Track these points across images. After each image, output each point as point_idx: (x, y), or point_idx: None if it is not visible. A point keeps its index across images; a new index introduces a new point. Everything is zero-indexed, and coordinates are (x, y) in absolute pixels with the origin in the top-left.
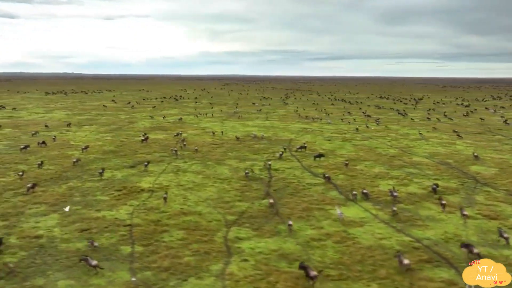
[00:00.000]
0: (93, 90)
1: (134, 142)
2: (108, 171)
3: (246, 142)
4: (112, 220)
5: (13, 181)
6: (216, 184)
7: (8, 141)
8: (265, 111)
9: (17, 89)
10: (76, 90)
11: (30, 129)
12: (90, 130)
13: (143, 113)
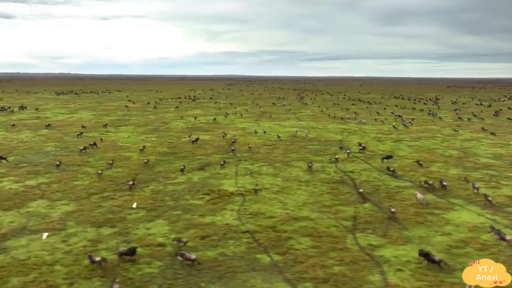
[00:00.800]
0: (102, 90)
1: (184, 143)
2: (179, 174)
3: (296, 143)
4: (224, 226)
5: (92, 184)
6: (302, 187)
7: (55, 142)
8: (293, 111)
9: (24, 89)
10: (84, 90)
11: (66, 130)
12: (129, 131)
13: (169, 114)
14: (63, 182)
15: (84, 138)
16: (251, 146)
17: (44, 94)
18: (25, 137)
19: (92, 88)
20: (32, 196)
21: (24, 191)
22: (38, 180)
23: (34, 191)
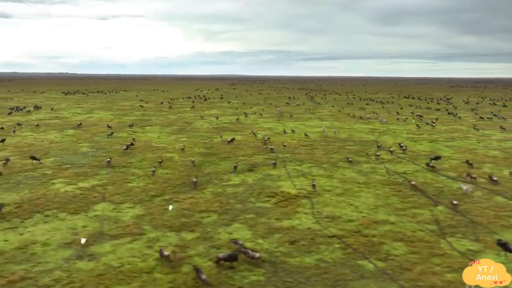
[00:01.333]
0: (109, 90)
1: (218, 144)
2: (230, 175)
3: (332, 143)
4: (307, 231)
5: (148, 186)
6: (364, 189)
7: (87, 143)
8: (311, 111)
9: (29, 89)
10: (90, 90)
11: (92, 130)
12: (156, 131)
13: (188, 113)
14: (117, 184)
15: (115, 138)
16: (285, 145)
17: (51, 94)
18: (54, 138)
19: (97, 88)
20: (93, 199)
21: (82, 193)
22: (90, 182)
23: (92, 194)
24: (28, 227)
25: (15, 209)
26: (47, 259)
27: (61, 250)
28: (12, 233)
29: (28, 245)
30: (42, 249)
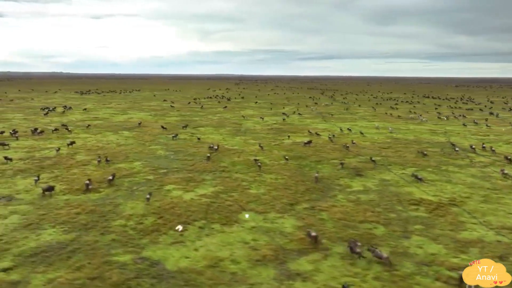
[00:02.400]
0: (120, 90)
1: (293, 146)
2: (344, 180)
3: (408, 145)
4: (497, 243)
5: (272, 193)
6: (504, 196)
7: (157, 145)
8: (350, 111)
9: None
10: (101, 90)
11: (147, 131)
12: (215, 133)
13: (227, 114)
14: (237, 190)
15: (180, 140)
16: (355, 144)
17: (65, 94)
18: (116, 140)
19: (102, 88)
20: (230, 208)
21: (212, 201)
22: (206, 188)
23: (223, 202)
24: (195, 241)
25: (159, 220)
26: (256, 279)
27: (259, 268)
28: (185, 249)
29: (217, 262)
30: (237, 267)
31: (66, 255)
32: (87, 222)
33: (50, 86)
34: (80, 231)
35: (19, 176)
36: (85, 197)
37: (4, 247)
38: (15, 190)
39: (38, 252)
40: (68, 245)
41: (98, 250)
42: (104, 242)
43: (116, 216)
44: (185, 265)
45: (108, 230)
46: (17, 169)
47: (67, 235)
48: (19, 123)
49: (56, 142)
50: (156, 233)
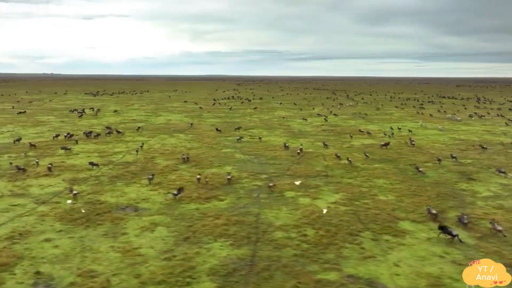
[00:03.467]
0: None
1: (372, 149)
2: (459, 185)
3: (492, 147)
4: None
5: (412, 200)
6: None
7: (229, 149)
8: (383, 112)
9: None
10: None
11: (200, 133)
12: (272, 135)
13: (263, 115)
14: (368, 197)
15: (244, 142)
16: (442, 149)
17: (77, 95)
18: (179, 143)
19: (105, 89)
20: (384, 217)
21: (356, 210)
22: (331, 196)
23: (368, 211)
24: (385, 255)
25: (321, 231)
26: None
27: None
28: (384, 264)
29: (436, 280)
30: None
31: (265, 273)
32: (247, 234)
33: (51, 87)
34: (249, 245)
35: (120, 183)
36: (212, 205)
37: (188, 265)
38: (131, 198)
39: (231, 271)
40: (254, 262)
41: (293, 268)
42: (288, 258)
43: (269, 227)
44: (405, 284)
45: (279, 244)
46: (110, 175)
47: (240, 250)
48: (60, 126)
49: (121, 146)
50: (333, 246)
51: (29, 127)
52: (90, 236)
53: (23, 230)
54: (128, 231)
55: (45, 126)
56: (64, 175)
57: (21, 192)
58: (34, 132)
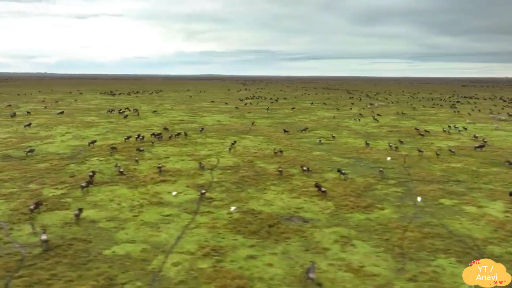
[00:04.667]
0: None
1: (459, 150)
2: None
3: None
4: None
5: None
6: None
7: (321, 151)
8: (421, 111)
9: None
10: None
11: (268, 134)
12: (346, 136)
13: (304, 115)
14: None
15: (325, 144)
16: None
17: (92, 95)
18: (258, 145)
19: (113, 89)
20: None
21: None
22: (492, 204)
23: None
24: None
25: None
26: None
27: None
28: None
29: None
30: None
31: None
32: (462, 249)
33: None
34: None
35: (250, 189)
36: (378, 214)
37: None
38: (283, 207)
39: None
40: None
41: None
42: None
43: (475, 241)
44: None
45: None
46: (230, 181)
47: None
48: (114, 127)
49: (202, 148)
50: None
51: (82, 128)
52: (292, 251)
53: (212, 245)
54: (326, 245)
55: (97, 127)
56: (181, 180)
57: (157, 200)
58: (94, 134)
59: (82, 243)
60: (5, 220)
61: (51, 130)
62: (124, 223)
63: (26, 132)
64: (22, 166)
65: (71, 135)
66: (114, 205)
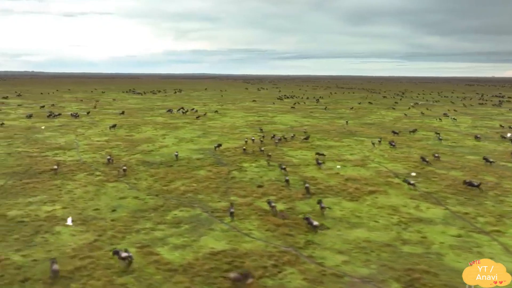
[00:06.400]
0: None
1: None
2: None
3: None
4: None
5: None
6: None
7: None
8: (468, 111)
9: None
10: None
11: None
12: (459, 138)
13: (370, 115)
14: None
15: (455, 147)
16: None
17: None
18: (387, 148)
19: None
20: None
21: None
22: None
23: None
24: None
25: None
26: None
27: None
28: None
29: None
30: None
31: None
32: None
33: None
34: None
35: (492, 202)
36: None
37: None
38: None
39: None
40: None
41: None
42: None
43: None
44: None
45: None
46: (435, 190)
47: None
48: (206, 129)
49: (343, 152)
50: None
51: (167, 129)
52: None
53: None
54: None
55: (185, 129)
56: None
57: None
58: (191, 136)
59: None
60: None
61: (141, 133)
62: None
63: (121, 135)
64: (183, 174)
65: (171, 137)
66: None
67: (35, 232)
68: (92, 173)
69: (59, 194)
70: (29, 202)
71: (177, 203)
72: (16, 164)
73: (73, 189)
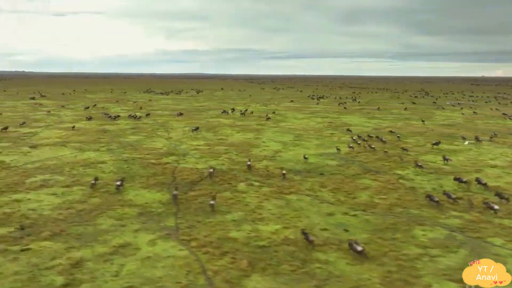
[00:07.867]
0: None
1: None
2: None
3: None
4: None
5: None
6: None
7: None
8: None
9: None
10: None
11: None
12: None
13: (436, 118)
14: None
15: None
16: None
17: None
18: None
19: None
20: None
21: None
22: None
23: None
24: None
25: None
26: None
27: None
28: None
29: None
30: None
31: None
32: None
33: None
34: None
35: None
36: None
37: None
38: None
39: None
40: None
41: None
42: None
43: None
44: None
45: None
46: None
47: None
48: (297, 133)
49: (484, 157)
50: None
51: (247, 131)
52: None
53: None
54: None
55: (270, 131)
56: None
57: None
58: (288, 140)
59: None
60: None
61: (229, 136)
62: None
63: (213, 138)
64: (349, 183)
65: (268, 140)
66: None
67: None
68: (251, 183)
69: (255, 209)
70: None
71: (408, 221)
72: (151, 173)
73: (261, 202)
